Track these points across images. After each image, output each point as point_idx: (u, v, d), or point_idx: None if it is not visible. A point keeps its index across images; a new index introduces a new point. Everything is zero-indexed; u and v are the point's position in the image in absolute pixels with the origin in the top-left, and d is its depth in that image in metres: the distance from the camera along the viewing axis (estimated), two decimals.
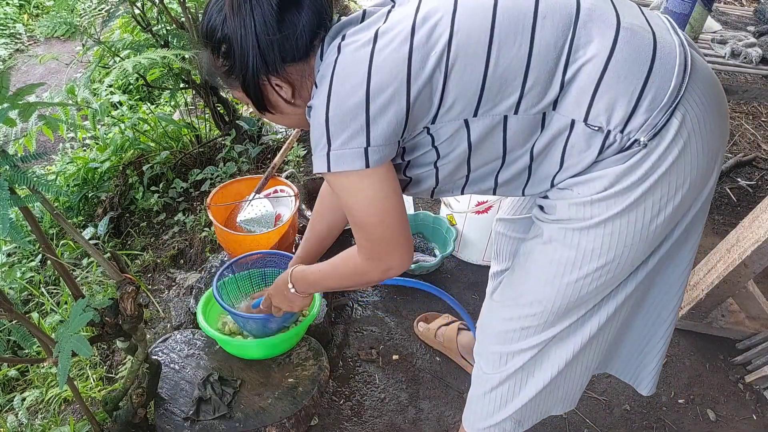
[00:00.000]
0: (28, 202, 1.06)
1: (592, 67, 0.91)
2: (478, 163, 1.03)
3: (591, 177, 0.97)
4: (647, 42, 0.92)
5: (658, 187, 0.95)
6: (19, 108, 1.05)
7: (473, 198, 2.10)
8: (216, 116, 2.92)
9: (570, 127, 0.95)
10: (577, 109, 0.93)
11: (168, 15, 2.52)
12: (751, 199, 2.78)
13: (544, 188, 1.05)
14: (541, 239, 1.07)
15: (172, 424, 1.54)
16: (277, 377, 1.67)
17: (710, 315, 2.01)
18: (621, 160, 0.95)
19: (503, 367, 1.20)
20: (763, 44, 1.95)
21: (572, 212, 1.00)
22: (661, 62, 0.92)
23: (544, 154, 0.99)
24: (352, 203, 0.98)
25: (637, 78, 0.91)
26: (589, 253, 1.01)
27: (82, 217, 3.10)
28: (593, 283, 1.04)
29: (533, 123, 0.95)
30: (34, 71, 5.52)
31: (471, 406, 1.33)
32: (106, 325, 1.30)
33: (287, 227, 1.88)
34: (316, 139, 0.94)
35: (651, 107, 0.91)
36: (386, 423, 1.76)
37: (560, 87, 0.92)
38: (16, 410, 1.98)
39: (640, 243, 1.00)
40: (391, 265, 1.05)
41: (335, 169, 0.92)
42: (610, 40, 0.91)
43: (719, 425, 1.82)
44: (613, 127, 0.92)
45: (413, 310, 2.12)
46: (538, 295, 1.09)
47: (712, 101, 0.96)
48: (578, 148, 0.96)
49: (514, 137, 0.97)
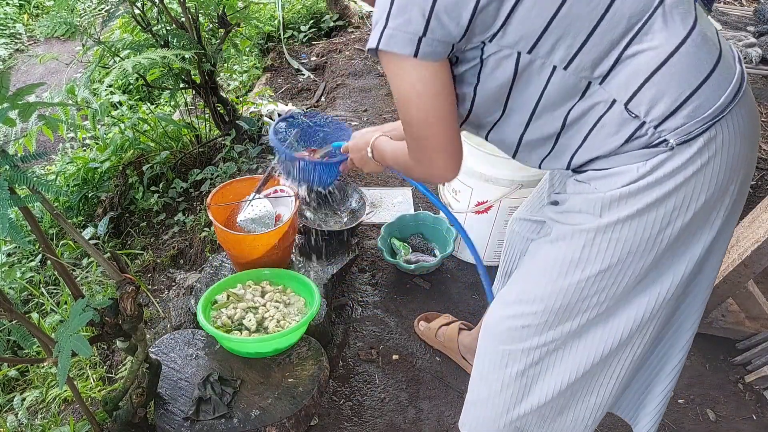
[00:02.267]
0: (28, 202, 1.06)
1: (653, 56, 0.91)
2: (513, 106, 1.02)
3: (610, 173, 0.98)
4: (712, 55, 0.93)
5: (673, 196, 0.95)
6: (19, 108, 1.05)
7: (473, 198, 2.10)
8: (216, 116, 2.92)
9: (609, 105, 0.95)
10: (623, 90, 0.93)
11: (168, 15, 2.52)
12: (751, 199, 2.78)
13: (560, 164, 1.06)
14: (549, 238, 1.08)
15: (172, 424, 1.54)
16: (277, 377, 1.67)
17: (710, 315, 2.01)
18: (643, 157, 0.95)
19: (504, 369, 1.19)
20: (763, 44, 1.96)
21: (585, 206, 1.01)
22: (718, 78, 0.93)
23: (575, 125, 0.99)
24: (401, 93, 0.98)
25: (690, 83, 0.92)
26: (594, 255, 1.01)
27: (82, 217, 3.10)
28: (594, 286, 1.04)
29: (575, 88, 0.96)
30: (34, 71, 5.52)
31: (470, 410, 1.31)
32: (106, 325, 1.30)
33: (287, 227, 1.88)
34: (377, 15, 0.94)
35: (692, 114, 0.92)
36: (386, 423, 1.76)
37: (615, 61, 0.92)
38: (16, 410, 1.98)
39: (644, 253, 1.00)
40: (431, 171, 1.05)
41: (383, 48, 0.92)
42: (680, 38, 0.91)
43: (719, 425, 1.82)
44: (649, 120, 0.93)
45: (413, 310, 2.12)
46: (539, 293, 1.09)
47: (747, 132, 0.98)
48: (607, 130, 0.96)
49: (552, 93, 0.97)
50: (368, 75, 4.07)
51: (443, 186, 2.27)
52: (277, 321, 1.72)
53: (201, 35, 2.59)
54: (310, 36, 4.84)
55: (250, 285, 1.85)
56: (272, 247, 1.87)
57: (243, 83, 4.46)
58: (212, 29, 2.88)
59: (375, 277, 2.27)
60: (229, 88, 4.41)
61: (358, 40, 4.58)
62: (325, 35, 4.91)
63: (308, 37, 4.84)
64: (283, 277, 1.89)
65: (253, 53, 4.77)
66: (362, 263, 2.33)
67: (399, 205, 2.62)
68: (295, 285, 1.86)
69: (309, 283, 1.81)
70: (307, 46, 4.76)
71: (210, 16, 2.72)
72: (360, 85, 3.93)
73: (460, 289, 2.23)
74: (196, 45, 2.53)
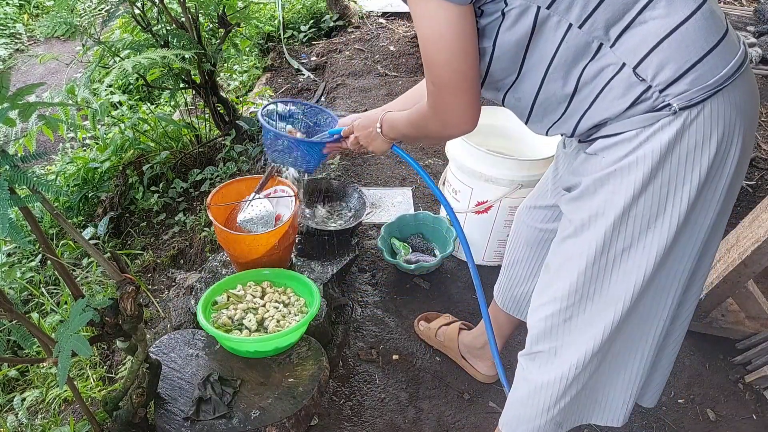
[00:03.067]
0: (28, 202, 1.06)
1: (663, 24, 0.94)
2: (528, 65, 1.05)
3: (617, 140, 1.01)
4: (719, 30, 0.97)
5: (677, 160, 0.98)
6: (19, 108, 1.05)
7: (473, 198, 2.10)
8: (216, 116, 2.92)
9: (619, 68, 0.98)
10: (632, 54, 0.96)
11: (168, 15, 2.52)
12: (751, 199, 2.78)
13: (566, 129, 1.09)
14: (571, 229, 1.10)
15: (172, 424, 1.54)
16: (277, 377, 1.67)
17: (710, 315, 2.01)
18: (647, 121, 0.98)
19: (552, 364, 1.20)
20: (763, 44, 1.96)
21: (598, 185, 1.04)
22: (722, 50, 0.96)
23: (587, 87, 1.02)
24: (425, 33, 1.00)
25: (696, 52, 0.95)
26: (617, 235, 1.04)
27: (82, 217, 3.10)
28: (623, 266, 1.06)
29: (587, 47, 0.99)
30: (34, 71, 5.52)
31: (512, 410, 1.32)
32: (106, 325, 1.30)
33: (287, 227, 1.88)
34: None
35: (696, 81, 0.95)
36: (386, 423, 1.76)
37: (626, 25, 0.96)
38: (16, 410, 1.98)
39: (660, 221, 1.02)
40: (448, 119, 1.07)
41: None
42: (691, 10, 0.95)
43: (719, 425, 1.82)
44: (655, 84, 0.96)
45: (413, 310, 2.12)
46: (574, 285, 1.11)
47: (748, 107, 1.01)
48: (615, 92, 0.99)
49: (565, 52, 1.00)
50: (368, 75, 4.07)
51: (443, 185, 2.26)
52: (277, 321, 1.72)
53: (201, 35, 2.60)
54: (310, 36, 4.84)
55: (251, 285, 1.85)
56: (272, 247, 1.87)
57: (243, 83, 4.46)
58: (212, 29, 2.88)
59: (375, 277, 2.27)
60: (229, 88, 4.41)
61: (358, 40, 4.58)
62: (325, 35, 4.91)
63: (308, 37, 4.84)
64: (284, 278, 1.89)
65: (253, 53, 4.77)
66: (362, 263, 2.33)
67: (399, 205, 2.62)
68: (295, 285, 1.86)
69: (309, 283, 1.81)
70: (307, 46, 4.76)
71: (210, 16, 2.72)
72: (360, 85, 3.93)
73: (460, 289, 2.23)
74: (196, 45, 2.53)
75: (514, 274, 1.54)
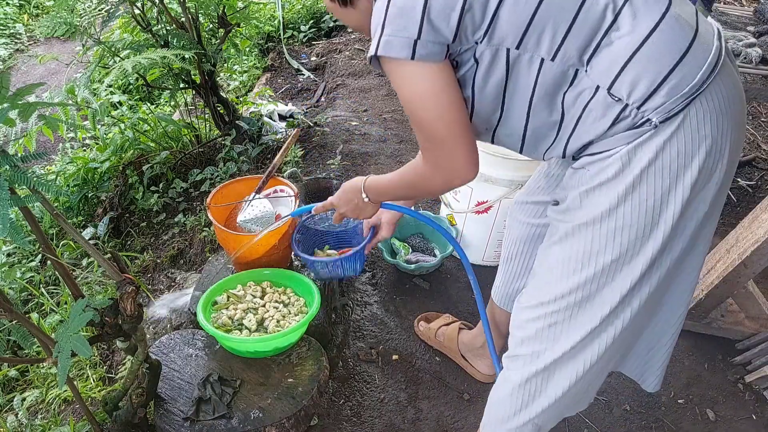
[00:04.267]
0: (28, 202, 1.06)
1: (629, 41, 0.95)
2: (510, 102, 1.06)
3: (601, 157, 1.02)
4: (687, 35, 0.96)
5: (660, 173, 0.98)
6: (19, 108, 1.05)
7: (473, 198, 2.11)
8: (216, 116, 2.92)
9: (594, 92, 0.99)
10: (605, 76, 0.97)
11: (168, 15, 2.52)
12: (751, 199, 2.78)
13: (557, 153, 1.10)
14: (556, 237, 1.11)
15: (172, 424, 1.54)
16: (277, 377, 1.67)
17: (710, 315, 2.01)
18: (629, 138, 0.99)
19: (534, 362, 1.20)
20: (762, 44, 1.96)
21: (583, 200, 1.05)
22: (694, 56, 0.96)
23: (569, 112, 1.03)
24: (406, 95, 1.02)
25: (667, 63, 0.95)
26: (603, 245, 1.04)
27: (82, 217, 3.10)
28: (607, 276, 1.07)
29: (564, 76, 1.00)
30: (34, 71, 5.52)
31: (491, 410, 1.33)
32: (106, 325, 1.30)
33: (287, 227, 1.88)
34: (374, 27, 1.00)
35: (671, 92, 0.95)
36: (386, 423, 1.76)
37: (594, 48, 0.97)
38: (16, 410, 1.98)
39: (651, 235, 1.03)
40: (452, 169, 1.07)
41: (382, 53, 0.97)
42: (654, 21, 0.95)
43: (718, 425, 1.82)
44: (632, 102, 0.97)
45: (413, 310, 2.12)
46: (561, 291, 1.11)
47: (730, 106, 1.00)
48: (594, 114, 1.00)
49: (544, 84, 1.01)
50: (368, 75, 4.07)
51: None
52: (277, 321, 1.72)
53: (201, 35, 2.60)
54: (310, 36, 4.85)
55: (251, 285, 1.86)
56: (272, 247, 1.87)
57: (243, 83, 4.46)
58: (212, 29, 2.88)
59: (375, 277, 2.27)
60: (229, 88, 4.41)
61: (358, 40, 4.58)
62: (325, 35, 4.91)
63: (308, 37, 4.84)
64: (284, 278, 1.89)
65: (253, 53, 4.77)
66: None
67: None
68: (295, 285, 1.86)
69: (309, 283, 1.81)
70: (307, 46, 4.76)
71: (210, 16, 2.72)
72: (360, 85, 3.93)
73: (460, 289, 2.23)
74: (196, 45, 2.53)
75: (509, 270, 1.56)
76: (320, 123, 3.33)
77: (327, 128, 3.26)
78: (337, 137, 3.16)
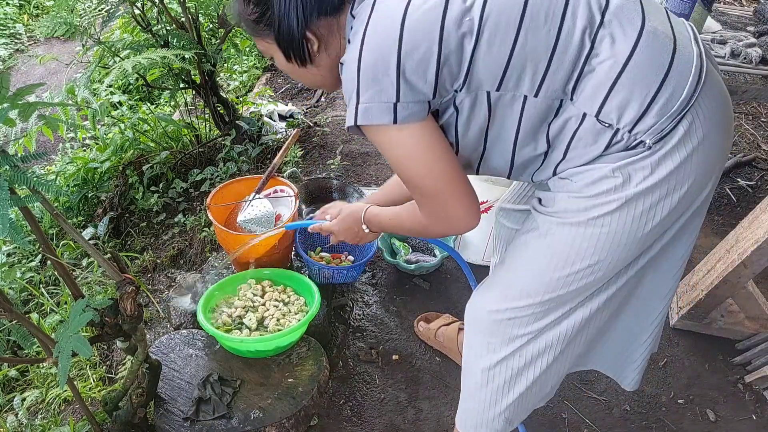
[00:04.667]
0: (28, 202, 1.06)
1: (610, 65, 0.93)
2: (494, 140, 1.04)
3: (591, 167, 0.99)
4: (667, 48, 0.95)
5: (657, 189, 0.97)
6: (19, 108, 1.05)
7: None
8: (216, 116, 2.92)
9: (581, 120, 0.97)
10: (590, 103, 0.95)
11: (168, 15, 2.52)
12: (751, 199, 2.78)
13: (545, 175, 1.07)
14: (537, 232, 1.09)
15: (172, 424, 1.54)
16: (277, 377, 1.67)
17: (710, 315, 2.01)
18: (623, 158, 0.97)
19: (488, 356, 1.20)
20: (762, 44, 1.95)
21: (570, 204, 1.02)
22: (678, 70, 0.94)
23: (557, 141, 1.01)
24: (395, 158, 0.99)
25: (653, 82, 0.93)
26: (583, 249, 1.02)
27: (82, 217, 3.10)
28: (583, 280, 1.06)
29: (549, 108, 0.98)
30: (34, 71, 5.52)
31: (463, 405, 1.34)
32: (106, 325, 1.30)
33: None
34: (348, 93, 0.96)
35: (661, 112, 0.93)
36: (386, 423, 1.76)
37: (577, 77, 0.94)
38: (16, 410, 1.98)
39: (633, 243, 1.02)
40: (451, 221, 1.04)
41: (362, 122, 0.94)
42: (632, 42, 0.93)
43: (718, 425, 1.82)
44: (622, 126, 0.95)
45: (413, 310, 2.12)
46: (527, 288, 1.10)
47: (719, 115, 0.99)
48: (585, 141, 0.98)
49: (529, 120, 0.99)
50: None
51: None
52: (277, 320, 1.72)
53: (201, 35, 2.59)
54: None
55: (251, 285, 1.86)
56: (272, 247, 1.87)
57: (243, 83, 4.46)
58: (212, 29, 2.88)
59: (375, 277, 2.27)
60: (229, 88, 4.41)
61: None
62: None
63: None
64: (283, 277, 1.89)
65: (253, 53, 4.77)
66: None
67: None
68: (295, 285, 1.86)
69: (309, 283, 1.81)
70: None
71: (210, 16, 2.72)
72: None
73: (460, 289, 2.23)
74: (196, 45, 2.53)
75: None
76: (320, 123, 3.33)
77: (327, 128, 3.26)
78: (337, 137, 3.16)
